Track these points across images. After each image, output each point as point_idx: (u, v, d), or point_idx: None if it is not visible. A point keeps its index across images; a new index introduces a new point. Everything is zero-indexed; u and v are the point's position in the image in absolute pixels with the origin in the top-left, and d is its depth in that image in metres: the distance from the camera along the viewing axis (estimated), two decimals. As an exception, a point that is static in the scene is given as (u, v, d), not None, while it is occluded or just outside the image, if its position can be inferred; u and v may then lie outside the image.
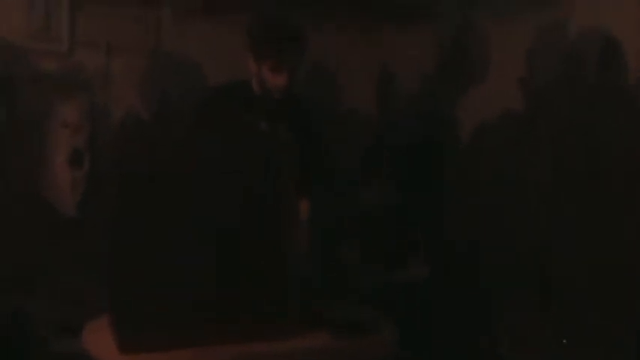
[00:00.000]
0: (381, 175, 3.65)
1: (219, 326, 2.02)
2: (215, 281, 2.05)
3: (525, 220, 2.97)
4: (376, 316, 2.26)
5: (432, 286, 3.30)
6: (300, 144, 2.30)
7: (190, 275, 2.02)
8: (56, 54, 3.28)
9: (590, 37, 2.72)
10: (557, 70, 2.86)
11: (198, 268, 2.03)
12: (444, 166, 3.49)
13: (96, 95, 3.34)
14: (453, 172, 3.45)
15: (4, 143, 3.18)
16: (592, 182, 2.70)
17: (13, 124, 3.20)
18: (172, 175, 2.09)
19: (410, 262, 3.39)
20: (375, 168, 3.70)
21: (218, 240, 2.05)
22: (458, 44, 3.43)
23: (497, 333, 3.03)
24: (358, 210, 3.48)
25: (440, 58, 3.54)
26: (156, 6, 3.29)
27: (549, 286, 2.83)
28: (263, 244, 2.10)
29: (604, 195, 2.65)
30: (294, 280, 2.12)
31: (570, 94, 2.83)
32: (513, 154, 3.08)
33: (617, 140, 2.62)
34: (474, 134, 3.32)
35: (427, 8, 3.40)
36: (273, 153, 2.18)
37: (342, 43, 3.63)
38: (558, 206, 2.84)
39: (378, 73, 3.86)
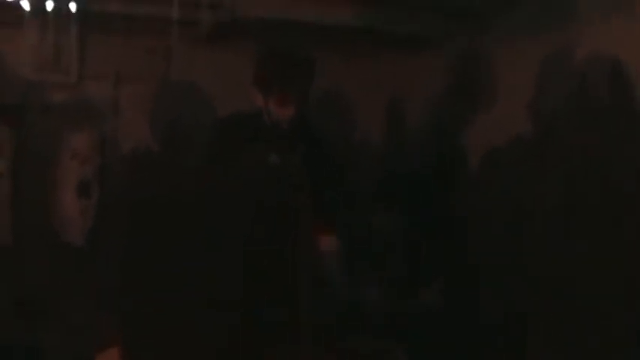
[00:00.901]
0: (391, 202, 3.64)
1: (231, 355, 2.00)
2: (226, 311, 2.03)
3: (537, 246, 2.95)
4: (389, 346, 2.23)
5: (445, 315, 3.26)
6: (314, 173, 2.27)
7: (201, 305, 2.01)
8: (65, 85, 3.30)
9: (599, 61, 2.72)
10: (566, 94, 2.86)
11: (209, 298, 2.02)
12: (454, 192, 3.47)
13: (105, 126, 3.35)
14: (463, 199, 3.43)
15: (14, 174, 3.19)
16: (604, 207, 2.68)
17: (22, 155, 3.21)
18: (182, 206, 2.09)
19: (422, 291, 3.37)
20: (385, 196, 3.69)
21: (229, 272, 2.04)
22: (466, 70, 3.44)
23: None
24: (369, 238, 3.46)
25: (448, 83, 3.54)
26: (165, 36, 3.31)
27: (563, 313, 2.80)
28: (276, 275, 2.08)
29: (616, 219, 2.63)
30: (307, 309, 2.10)
31: (580, 118, 2.82)
32: (523, 179, 3.07)
33: (629, 164, 2.60)
34: (484, 160, 3.31)
35: (435, 34, 3.41)
36: (285, 187, 2.17)
37: (350, 69, 3.64)
38: (570, 232, 2.82)
39: (387, 99, 3.87)
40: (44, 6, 3.20)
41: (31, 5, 3.17)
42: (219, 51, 3.43)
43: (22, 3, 3.15)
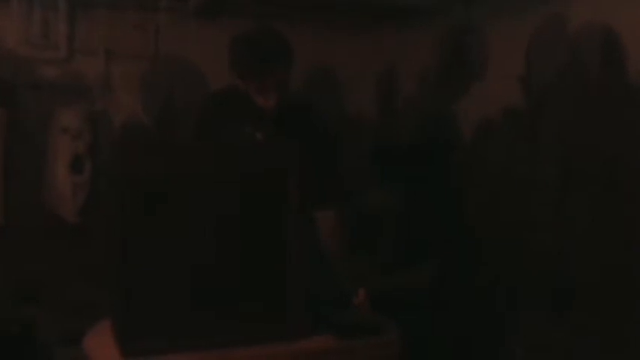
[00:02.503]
0: (384, 177, 3.64)
1: (222, 329, 2.00)
2: (217, 285, 2.04)
3: (531, 219, 2.95)
4: (380, 319, 2.24)
5: (437, 289, 3.28)
6: (309, 152, 2.23)
7: (192, 279, 2.01)
8: (55, 61, 3.28)
9: (591, 31, 2.70)
10: (557, 66, 2.84)
11: (200, 272, 2.02)
12: (447, 166, 3.47)
13: (96, 101, 3.35)
14: (456, 172, 3.43)
15: (6, 150, 3.18)
16: (597, 179, 2.68)
17: (14, 131, 3.20)
18: (174, 181, 2.08)
19: (415, 264, 3.38)
20: (378, 170, 3.68)
21: (220, 244, 2.04)
22: (457, 43, 3.42)
23: (505, 336, 3.01)
24: (363, 213, 3.46)
25: (440, 57, 3.52)
26: (154, 11, 3.29)
27: (558, 287, 2.81)
28: (266, 249, 2.08)
29: (610, 192, 2.63)
30: (297, 282, 2.10)
31: (572, 90, 2.80)
32: (516, 152, 3.06)
33: (621, 135, 2.59)
34: (476, 133, 3.30)
35: (426, 8, 3.38)
36: (274, 160, 2.16)
37: (341, 44, 3.62)
38: (564, 204, 2.82)
39: (379, 73, 3.85)
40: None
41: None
42: (208, 26, 3.40)
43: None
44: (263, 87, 2.30)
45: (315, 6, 3.34)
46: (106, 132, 3.36)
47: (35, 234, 3.21)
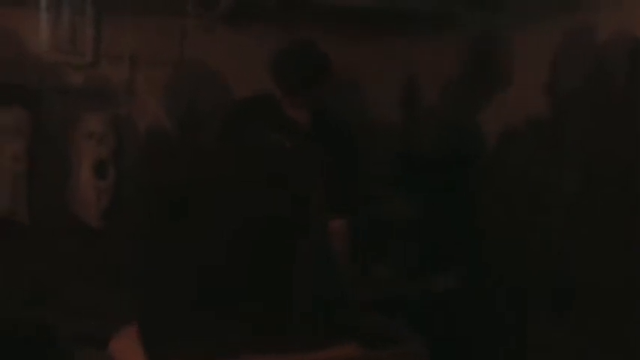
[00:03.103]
0: (406, 185, 3.63)
1: (247, 338, 2.01)
2: (243, 293, 2.04)
3: (553, 229, 2.93)
4: (404, 328, 2.24)
5: (460, 298, 3.26)
6: (331, 159, 2.25)
7: (218, 287, 2.01)
8: (81, 66, 3.30)
9: (618, 41, 2.68)
10: (583, 75, 2.83)
11: (227, 279, 2.02)
12: (469, 175, 3.46)
13: (120, 106, 3.36)
14: (478, 181, 3.42)
15: (31, 153, 3.21)
16: (620, 189, 2.66)
17: (39, 135, 3.23)
18: (199, 186, 2.09)
19: (437, 274, 3.36)
20: (400, 179, 3.68)
21: (246, 251, 2.04)
22: (481, 52, 3.41)
23: (526, 345, 2.99)
24: (384, 222, 3.45)
25: (464, 66, 3.51)
26: (179, 17, 3.30)
27: (581, 297, 2.79)
28: (290, 258, 2.08)
29: (633, 202, 2.61)
30: (320, 291, 2.10)
31: (598, 99, 2.79)
32: (540, 161, 3.05)
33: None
34: (500, 142, 3.29)
35: (450, 16, 3.38)
36: (298, 170, 2.17)
37: (365, 51, 3.62)
38: (586, 213, 2.80)
39: (402, 83, 3.84)
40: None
41: (48, -14, 3.18)
42: (234, 32, 3.42)
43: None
44: (300, 101, 2.34)
45: (339, 13, 3.34)
46: (130, 137, 3.38)
47: (58, 235, 3.23)
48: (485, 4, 3.27)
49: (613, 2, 2.71)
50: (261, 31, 3.40)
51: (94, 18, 3.29)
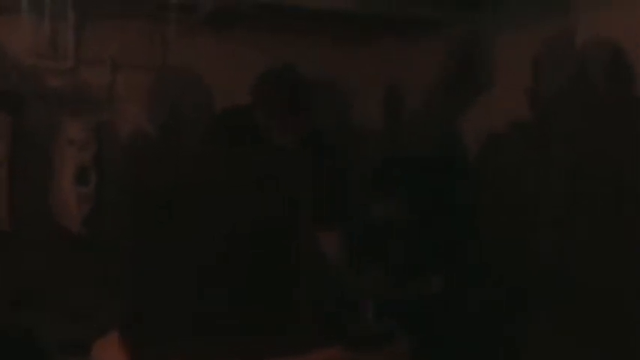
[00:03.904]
0: (390, 190, 3.63)
1: (232, 341, 1.99)
2: (228, 296, 2.03)
3: (539, 231, 2.95)
4: (390, 329, 2.23)
5: (446, 299, 3.27)
6: (314, 163, 2.26)
7: (204, 290, 2.00)
8: (62, 71, 3.29)
9: (598, 46, 2.71)
10: (565, 77, 2.85)
11: (212, 283, 2.01)
12: (453, 178, 3.47)
13: (102, 112, 3.35)
14: (462, 184, 3.43)
15: (13, 159, 3.18)
16: (603, 192, 2.68)
17: (20, 140, 3.20)
18: (182, 192, 2.08)
19: (423, 276, 3.37)
20: (384, 183, 3.68)
21: (231, 255, 2.03)
22: (463, 56, 3.43)
23: (520, 347, 3.00)
24: (373, 224, 3.45)
25: (446, 70, 3.53)
26: (161, 21, 3.29)
27: (567, 299, 2.80)
28: (277, 260, 2.08)
29: (615, 204, 2.63)
30: (307, 292, 2.10)
31: (579, 103, 2.81)
32: (522, 164, 3.07)
33: (627, 149, 2.60)
34: (483, 146, 3.31)
35: (433, 20, 3.39)
36: (285, 173, 2.16)
37: (348, 56, 3.63)
38: (571, 216, 2.82)
39: (384, 87, 3.85)
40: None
41: (28, -9, 3.16)
42: (216, 36, 3.41)
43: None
44: (287, 126, 2.32)
45: (322, 18, 3.35)
46: (112, 143, 3.36)
47: (40, 241, 3.21)
48: (467, 8, 3.28)
49: (593, 5, 2.73)
50: (244, 35, 3.40)
51: (75, 23, 3.27)
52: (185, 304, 1.97)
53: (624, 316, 2.55)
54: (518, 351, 2.99)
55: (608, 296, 2.61)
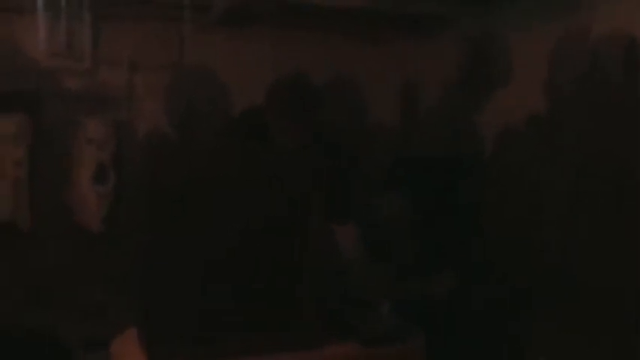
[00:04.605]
0: (405, 186, 3.63)
1: (247, 338, 2.02)
2: (242, 293, 2.05)
3: (543, 229, 2.94)
4: (404, 327, 2.25)
5: (459, 297, 3.27)
6: (327, 160, 2.28)
7: (218, 288, 2.02)
8: (80, 72, 3.32)
9: (613, 39, 2.70)
10: (580, 73, 2.84)
11: (226, 281, 2.03)
12: (469, 175, 3.46)
13: (120, 111, 3.38)
14: (478, 182, 3.42)
15: (32, 158, 3.22)
16: (617, 187, 2.67)
17: (40, 140, 3.24)
18: (198, 190, 2.10)
19: (436, 274, 3.37)
20: (399, 179, 3.68)
21: (245, 253, 2.05)
22: (479, 53, 3.42)
23: (525, 344, 3.00)
24: (384, 222, 3.45)
25: (462, 67, 3.52)
26: (176, 21, 3.32)
27: (571, 297, 2.79)
28: (289, 257, 2.10)
29: (620, 204, 2.62)
30: (320, 290, 2.11)
31: (590, 100, 2.80)
32: (538, 160, 3.06)
33: (634, 149, 2.59)
34: (498, 142, 3.30)
35: (449, 16, 3.39)
36: (294, 172, 2.18)
37: (363, 53, 3.63)
38: (576, 215, 2.81)
39: (401, 84, 3.85)
40: (58, -7, 3.22)
41: (46, -8, 3.19)
42: (230, 35, 3.43)
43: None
44: (288, 129, 2.36)
45: (338, 15, 3.35)
46: (130, 141, 3.39)
47: (59, 240, 3.25)
48: (482, 4, 3.28)
49: (608, 1, 2.72)
50: (258, 34, 3.41)
51: (92, 23, 3.30)
52: (203, 301, 2.00)
53: (628, 314, 2.54)
54: (522, 349, 2.99)
55: (612, 294, 2.60)
